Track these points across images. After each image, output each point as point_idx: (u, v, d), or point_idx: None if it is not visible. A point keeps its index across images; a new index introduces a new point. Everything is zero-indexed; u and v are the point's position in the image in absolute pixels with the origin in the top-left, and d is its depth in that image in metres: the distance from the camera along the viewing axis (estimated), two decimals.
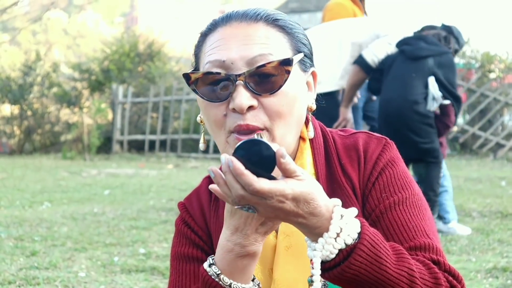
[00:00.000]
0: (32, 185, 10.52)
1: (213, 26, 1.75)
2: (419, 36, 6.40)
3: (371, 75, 6.29)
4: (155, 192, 9.50)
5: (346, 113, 6.19)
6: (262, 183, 1.40)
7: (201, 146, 1.85)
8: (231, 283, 1.65)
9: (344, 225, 1.49)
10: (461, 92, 17.15)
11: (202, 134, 1.83)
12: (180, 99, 18.48)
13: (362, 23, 6.41)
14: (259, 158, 1.41)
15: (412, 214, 1.71)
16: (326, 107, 6.24)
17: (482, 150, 16.29)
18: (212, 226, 1.86)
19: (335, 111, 6.17)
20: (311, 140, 1.82)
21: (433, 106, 6.30)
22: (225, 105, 1.66)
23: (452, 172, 11.56)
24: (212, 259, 1.68)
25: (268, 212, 1.46)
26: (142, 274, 4.71)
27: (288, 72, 1.65)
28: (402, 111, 6.22)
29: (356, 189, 1.76)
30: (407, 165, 1.82)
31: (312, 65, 1.78)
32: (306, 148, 1.80)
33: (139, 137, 18.86)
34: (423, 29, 6.60)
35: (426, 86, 6.24)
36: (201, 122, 1.79)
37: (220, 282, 1.64)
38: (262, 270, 1.79)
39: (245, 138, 1.60)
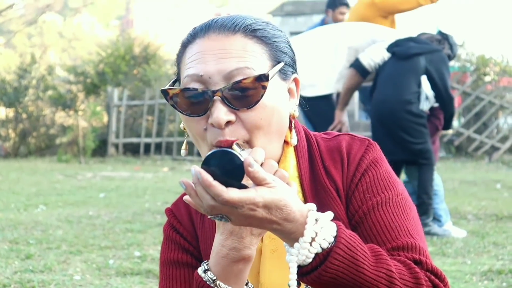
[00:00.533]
0: (27, 188, 10.51)
1: (192, 37, 1.74)
2: (409, 38, 6.42)
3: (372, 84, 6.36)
4: (151, 195, 9.50)
5: (341, 116, 6.21)
6: (231, 193, 1.41)
7: (183, 152, 1.85)
8: None
9: (319, 229, 1.50)
10: (456, 95, 17.20)
11: (185, 140, 1.83)
12: None
13: (359, 28, 6.43)
14: (228, 168, 1.43)
15: (396, 214, 1.71)
16: (322, 109, 6.27)
17: (477, 153, 16.32)
18: (199, 231, 1.87)
19: (331, 113, 6.19)
20: (295, 147, 1.82)
21: (426, 106, 6.31)
22: (204, 120, 1.66)
23: (447, 175, 11.59)
24: (207, 265, 1.69)
25: (241, 221, 1.47)
26: (137, 277, 4.71)
27: (265, 88, 1.64)
28: (395, 111, 6.23)
29: (340, 190, 1.76)
30: (400, 167, 1.82)
31: (294, 72, 1.78)
32: (290, 151, 1.80)
33: (134, 140, 18.85)
34: (418, 36, 6.62)
35: (419, 85, 6.25)
36: (184, 129, 1.80)
37: (216, 287, 1.65)
38: (251, 274, 1.78)
39: None
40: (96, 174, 13.11)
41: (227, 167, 1.43)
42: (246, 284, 1.71)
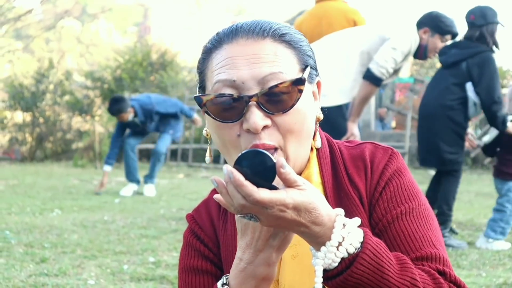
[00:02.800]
0: (43, 192, 10.55)
1: (218, 43, 1.73)
2: (452, 44, 6.40)
3: None
4: (166, 201, 9.51)
5: (353, 128, 6.14)
6: (262, 193, 1.41)
7: (207, 159, 1.85)
8: None
9: (346, 234, 1.50)
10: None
11: (209, 147, 1.84)
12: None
13: (364, 30, 6.37)
14: (260, 168, 1.44)
15: (419, 225, 1.71)
16: (334, 119, 6.16)
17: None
18: (221, 238, 1.87)
19: (343, 123, 6.13)
20: (317, 150, 1.83)
21: (474, 112, 6.28)
22: (238, 126, 1.66)
23: (463, 187, 11.53)
24: (226, 279, 1.68)
25: (270, 221, 1.47)
26: (151, 282, 4.71)
27: (301, 91, 1.65)
28: (435, 115, 6.25)
29: (363, 198, 1.77)
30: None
31: (317, 75, 1.79)
32: (313, 158, 1.81)
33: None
34: (464, 36, 6.57)
35: (463, 91, 6.23)
36: (207, 135, 1.80)
37: None
38: None
39: None
40: (112, 180, 13.14)
41: (259, 168, 1.44)
42: None
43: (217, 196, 1.49)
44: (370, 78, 6.01)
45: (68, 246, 5.91)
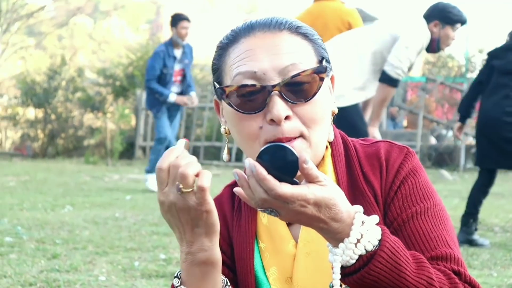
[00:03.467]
0: (55, 188, 10.58)
1: (234, 38, 1.75)
2: (507, 47, 6.38)
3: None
4: None
5: (374, 132, 6.09)
6: (284, 188, 1.42)
7: (225, 157, 1.87)
8: None
9: (365, 231, 1.51)
10: None
11: (226, 145, 1.85)
12: (203, 107, 18.51)
13: (375, 29, 6.34)
14: (283, 163, 1.44)
15: (434, 224, 1.71)
16: (351, 118, 6.10)
17: None
18: (235, 235, 1.87)
19: (360, 122, 6.10)
20: (331, 148, 1.83)
21: None
22: (260, 117, 1.67)
23: None
24: (178, 273, 1.71)
25: (290, 216, 1.48)
26: (162, 279, 4.72)
27: (322, 79, 1.68)
28: (495, 123, 6.25)
29: (378, 196, 1.77)
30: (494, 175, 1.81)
31: (331, 69, 1.80)
32: (327, 156, 1.82)
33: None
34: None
35: None
36: (226, 133, 1.80)
37: None
38: (280, 279, 1.80)
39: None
40: (123, 176, 13.18)
41: (281, 162, 1.44)
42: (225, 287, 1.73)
43: (237, 190, 1.49)
44: (387, 80, 5.98)
45: (79, 242, 5.93)
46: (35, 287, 4.42)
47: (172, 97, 10.64)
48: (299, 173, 1.45)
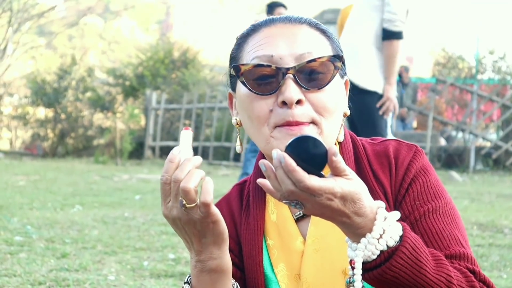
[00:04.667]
0: (64, 188, 10.60)
1: (255, 28, 1.78)
2: None
3: None
4: None
5: (389, 91, 5.98)
6: (313, 180, 1.42)
7: (238, 148, 1.87)
8: None
9: (387, 227, 1.51)
10: (495, 108, 17.04)
11: (238, 136, 1.85)
12: (213, 107, 18.53)
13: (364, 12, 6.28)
14: (311, 155, 1.43)
15: (446, 223, 1.72)
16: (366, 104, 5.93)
17: None
18: (243, 233, 1.88)
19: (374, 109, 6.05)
20: (340, 146, 1.84)
21: None
22: (272, 99, 1.68)
23: (484, 188, 11.48)
24: (188, 278, 1.74)
25: (315, 209, 1.48)
26: (171, 279, 4.72)
27: (337, 68, 1.69)
28: None
29: (388, 194, 1.78)
30: None
31: (346, 74, 1.81)
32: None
33: (171, 143, 18.93)
34: None
35: None
36: (237, 125, 1.81)
37: None
38: (289, 276, 1.81)
39: (296, 129, 1.64)
40: (132, 176, 13.19)
41: (310, 154, 1.43)
42: None
43: (261, 181, 1.48)
44: (390, 36, 5.93)
45: (88, 241, 5.93)
46: (45, 286, 4.43)
47: None
48: (326, 166, 1.45)
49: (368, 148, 1.85)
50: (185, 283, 1.73)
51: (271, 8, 9.90)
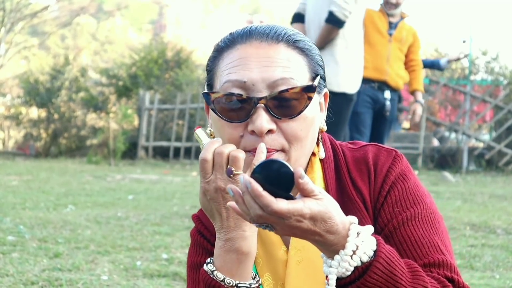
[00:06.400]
0: (57, 188, 10.58)
1: (231, 42, 1.74)
2: None
3: None
4: (179, 199, 9.51)
5: None
6: (280, 204, 1.40)
7: None
8: (224, 278, 1.68)
9: (360, 242, 1.51)
10: (488, 109, 17.08)
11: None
12: None
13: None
14: (278, 178, 1.42)
15: (425, 230, 1.71)
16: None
17: (508, 167, 16.14)
18: None
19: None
20: (322, 162, 1.84)
21: None
22: (242, 126, 1.67)
23: (477, 189, 11.50)
24: (211, 259, 1.72)
25: (285, 231, 1.47)
26: (164, 279, 4.72)
27: (310, 99, 1.67)
28: None
29: (367, 202, 1.77)
30: None
31: (325, 86, 1.80)
32: (316, 162, 1.82)
33: (164, 143, 18.92)
34: None
35: None
36: (211, 135, 1.80)
37: (215, 278, 1.68)
38: (274, 285, 1.81)
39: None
40: (126, 176, 13.17)
41: (277, 177, 1.42)
42: (254, 278, 1.73)
43: (231, 204, 1.48)
44: (334, 22, 5.98)
45: (81, 241, 5.92)
46: (37, 286, 4.42)
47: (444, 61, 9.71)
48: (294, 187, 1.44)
49: (348, 154, 1.84)
50: (208, 263, 1.72)
51: None
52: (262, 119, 1.63)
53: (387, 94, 7.43)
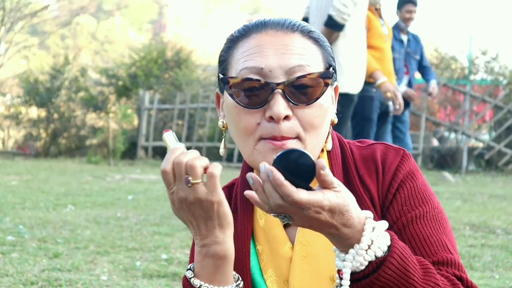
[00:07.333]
0: (57, 187, 10.58)
1: (246, 32, 1.75)
2: None
3: None
4: None
5: None
6: (301, 194, 1.41)
7: (221, 151, 1.86)
8: (200, 285, 1.69)
9: (375, 237, 1.51)
10: (488, 109, 17.07)
11: (223, 139, 1.84)
12: (206, 107, 18.51)
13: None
14: (299, 168, 1.42)
15: (433, 228, 1.71)
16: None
17: (507, 167, 16.15)
18: None
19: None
20: (328, 154, 1.83)
21: None
22: (260, 113, 1.67)
23: (476, 189, 11.50)
24: (191, 265, 1.73)
25: (303, 222, 1.48)
26: (163, 279, 4.72)
27: (327, 85, 1.68)
28: None
29: (375, 199, 1.77)
30: None
31: (336, 79, 1.80)
32: (324, 158, 1.81)
33: (164, 143, 18.89)
34: None
35: None
36: (223, 127, 1.80)
37: (192, 284, 1.69)
38: (277, 281, 1.80)
39: (279, 144, 1.63)
40: (125, 176, 13.17)
41: (298, 168, 1.42)
42: (236, 281, 1.74)
43: (249, 193, 1.48)
44: (333, 26, 6.00)
45: (81, 241, 5.93)
46: (37, 286, 4.42)
47: (402, 88, 9.26)
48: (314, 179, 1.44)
49: (356, 152, 1.84)
50: (188, 269, 1.73)
51: (401, 3, 9.50)
52: (280, 105, 1.64)
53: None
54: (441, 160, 16.69)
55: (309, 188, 1.43)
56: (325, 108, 1.71)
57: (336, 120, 1.80)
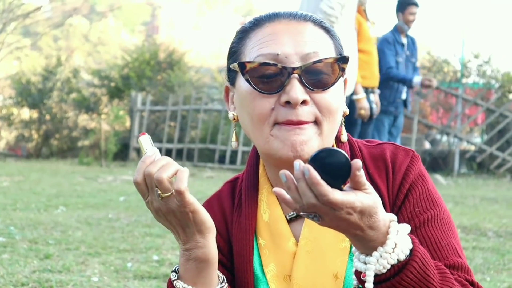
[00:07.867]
0: (48, 189, 10.56)
1: (258, 22, 1.77)
2: None
3: None
4: None
5: None
6: (336, 195, 1.40)
7: (233, 144, 1.86)
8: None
9: (399, 240, 1.51)
10: (480, 112, 17.10)
11: (234, 132, 1.85)
12: (198, 109, 18.48)
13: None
14: (334, 168, 1.40)
15: (443, 232, 1.72)
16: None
17: (499, 170, 16.17)
18: (234, 231, 1.88)
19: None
20: (340, 147, 1.83)
21: None
22: (274, 98, 1.68)
23: (468, 192, 11.52)
24: (176, 267, 1.76)
25: (333, 222, 1.47)
26: (155, 281, 4.71)
27: (343, 70, 1.69)
28: None
29: (385, 199, 1.77)
30: None
31: (345, 71, 1.80)
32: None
33: (156, 145, 18.54)
34: None
35: None
36: (234, 120, 1.80)
37: (175, 287, 1.72)
38: (278, 276, 1.80)
39: (295, 128, 1.64)
40: (117, 178, 13.15)
41: (333, 167, 1.40)
42: (221, 283, 1.76)
43: (278, 190, 1.45)
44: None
45: (72, 243, 5.91)
46: (27, 287, 4.41)
47: (417, 79, 9.27)
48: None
49: (364, 150, 1.85)
50: (173, 271, 1.74)
51: (402, 5, 9.46)
52: (297, 89, 1.65)
53: (374, 97, 7.48)
54: (433, 163, 16.71)
55: (341, 189, 1.42)
56: (340, 95, 1.73)
57: (347, 111, 1.81)
